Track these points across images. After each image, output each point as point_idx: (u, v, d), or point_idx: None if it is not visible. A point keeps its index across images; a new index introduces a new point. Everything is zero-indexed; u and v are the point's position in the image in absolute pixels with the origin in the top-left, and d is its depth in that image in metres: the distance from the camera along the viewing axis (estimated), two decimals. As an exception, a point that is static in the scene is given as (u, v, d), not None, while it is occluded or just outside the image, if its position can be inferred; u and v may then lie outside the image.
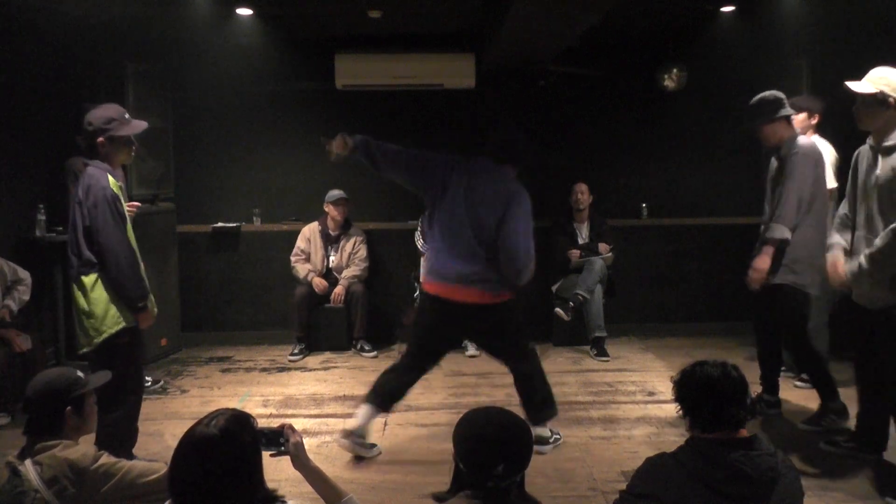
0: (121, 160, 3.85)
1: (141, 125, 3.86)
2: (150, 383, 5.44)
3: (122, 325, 3.69)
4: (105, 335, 3.66)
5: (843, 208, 3.89)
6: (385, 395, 4.20)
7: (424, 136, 7.07)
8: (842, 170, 4.64)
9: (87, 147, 3.73)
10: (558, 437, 4.34)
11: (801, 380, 5.22)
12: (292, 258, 6.51)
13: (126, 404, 3.75)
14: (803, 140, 4.41)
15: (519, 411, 2.22)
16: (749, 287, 4.51)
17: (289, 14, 6.13)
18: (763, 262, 4.37)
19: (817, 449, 4.13)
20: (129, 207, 5.05)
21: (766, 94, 4.49)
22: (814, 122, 5.11)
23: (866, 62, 3.79)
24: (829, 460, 3.99)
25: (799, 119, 5.10)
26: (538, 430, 4.09)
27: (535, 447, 3.81)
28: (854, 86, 3.61)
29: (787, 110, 4.41)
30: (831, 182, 4.83)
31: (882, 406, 3.81)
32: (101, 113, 3.73)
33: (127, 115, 3.79)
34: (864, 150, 3.72)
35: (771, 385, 4.78)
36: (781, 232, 4.29)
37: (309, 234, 6.54)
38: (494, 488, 2.03)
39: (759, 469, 2.20)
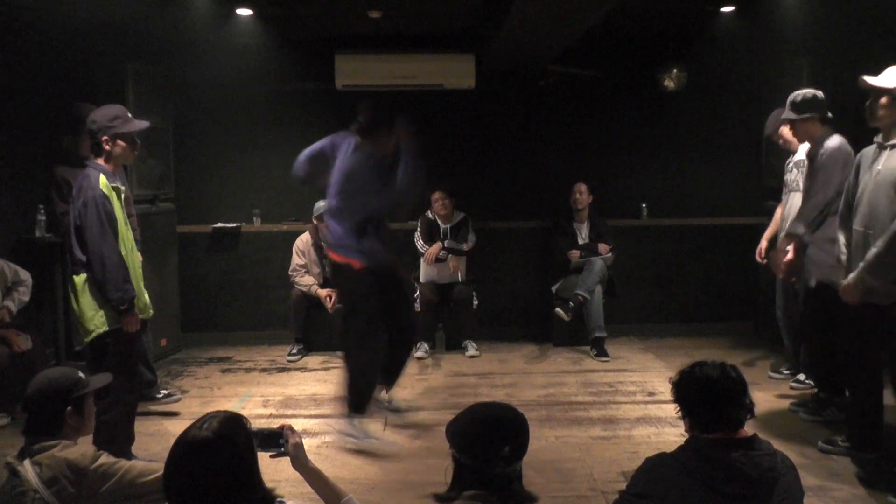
0: (123, 159, 3.86)
1: (143, 124, 3.88)
2: (162, 396, 5.23)
3: (112, 325, 3.69)
4: (93, 335, 3.67)
5: (842, 206, 3.91)
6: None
7: (424, 136, 7.06)
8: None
9: (92, 146, 3.75)
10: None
11: (797, 381, 5.22)
12: (291, 273, 6.44)
13: (121, 404, 3.74)
14: (832, 141, 4.33)
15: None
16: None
17: (289, 14, 6.13)
18: (779, 255, 4.53)
19: (817, 449, 4.13)
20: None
21: (807, 91, 4.44)
22: None
23: (866, 62, 3.80)
24: (828, 460, 3.99)
25: None
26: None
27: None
28: (871, 80, 3.64)
29: (819, 112, 4.37)
30: None
31: (872, 403, 3.86)
32: (105, 111, 3.75)
33: (129, 114, 3.81)
34: (867, 151, 3.79)
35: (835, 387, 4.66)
36: (795, 228, 4.37)
37: (303, 247, 6.49)
38: (501, 473, 2.04)
39: (759, 469, 2.20)
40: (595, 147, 7.07)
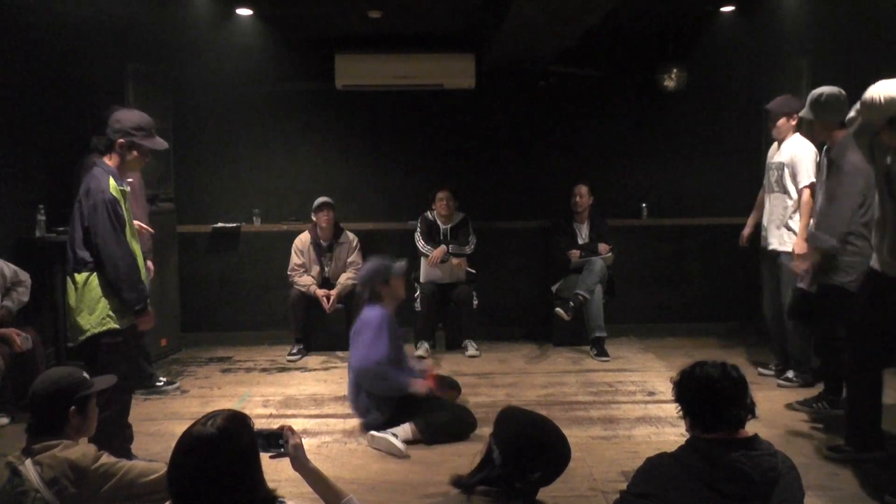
0: (130, 167, 3.88)
1: (162, 144, 3.93)
2: (162, 383, 5.45)
3: (108, 326, 3.69)
4: (89, 334, 3.67)
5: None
6: None
7: (424, 136, 7.09)
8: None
9: (105, 143, 3.75)
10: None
11: (786, 379, 5.24)
12: (290, 273, 6.43)
13: (116, 403, 3.74)
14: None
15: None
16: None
17: (289, 14, 6.13)
18: (802, 263, 4.57)
19: (817, 449, 4.13)
20: (140, 229, 5.15)
21: (831, 92, 4.24)
22: (793, 122, 5.14)
23: (866, 62, 3.80)
24: (829, 460, 3.98)
25: (780, 122, 5.15)
26: None
27: None
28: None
29: (843, 115, 4.12)
30: (811, 177, 4.92)
31: (872, 404, 3.87)
32: (132, 117, 3.79)
33: (153, 129, 3.84)
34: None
35: (834, 385, 4.68)
36: (824, 241, 4.28)
37: (301, 246, 6.47)
38: (521, 489, 2.06)
39: (759, 469, 2.20)
40: (595, 147, 7.07)
